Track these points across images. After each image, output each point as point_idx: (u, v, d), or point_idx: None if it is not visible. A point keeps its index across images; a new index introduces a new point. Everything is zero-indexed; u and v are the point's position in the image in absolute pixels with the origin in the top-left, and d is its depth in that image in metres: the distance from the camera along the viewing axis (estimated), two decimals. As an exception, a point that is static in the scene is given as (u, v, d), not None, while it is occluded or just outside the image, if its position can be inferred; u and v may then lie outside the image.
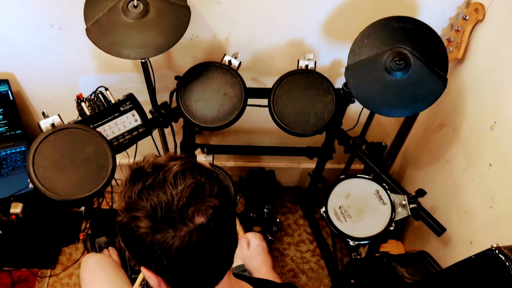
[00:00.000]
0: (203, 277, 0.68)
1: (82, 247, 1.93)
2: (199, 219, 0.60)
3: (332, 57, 1.57)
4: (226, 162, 2.09)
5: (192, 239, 0.60)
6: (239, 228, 1.31)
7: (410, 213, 1.38)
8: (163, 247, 0.60)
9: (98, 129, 1.29)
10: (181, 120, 1.53)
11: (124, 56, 1.14)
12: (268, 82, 1.62)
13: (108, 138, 1.26)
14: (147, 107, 1.42)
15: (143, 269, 0.67)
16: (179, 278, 0.66)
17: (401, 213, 1.39)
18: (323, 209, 1.41)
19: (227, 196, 0.67)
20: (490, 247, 0.91)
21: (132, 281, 1.28)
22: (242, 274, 0.95)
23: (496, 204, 1.28)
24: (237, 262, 1.35)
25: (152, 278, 0.66)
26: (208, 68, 1.40)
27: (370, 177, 1.47)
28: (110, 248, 1.85)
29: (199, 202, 0.61)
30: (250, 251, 1.25)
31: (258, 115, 1.59)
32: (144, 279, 1.17)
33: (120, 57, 1.14)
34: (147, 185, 0.62)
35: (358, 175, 1.48)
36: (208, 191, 0.63)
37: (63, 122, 1.21)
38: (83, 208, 2.02)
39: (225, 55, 1.41)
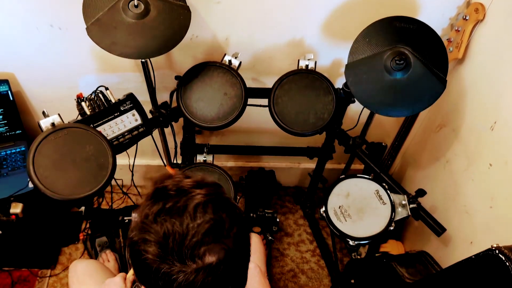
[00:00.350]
0: None
1: (82, 247, 1.93)
2: (210, 259, 0.58)
3: (332, 57, 1.57)
4: (226, 162, 2.09)
5: (197, 278, 0.58)
6: None
7: (410, 213, 1.38)
8: (166, 278, 0.58)
9: (98, 129, 1.29)
10: (181, 120, 1.54)
11: (126, 56, 1.14)
12: (268, 82, 1.62)
13: (108, 138, 1.26)
14: (147, 107, 1.42)
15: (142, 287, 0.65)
16: None
17: (401, 213, 1.39)
18: (323, 209, 1.41)
19: (245, 238, 0.65)
20: (490, 247, 0.91)
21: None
22: None
23: (496, 204, 1.28)
24: None
25: None
26: (208, 68, 1.40)
27: (370, 177, 1.47)
28: (107, 251, 1.85)
29: (214, 241, 0.59)
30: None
31: (258, 115, 1.59)
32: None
33: (122, 57, 1.14)
34: (166, 209, 0.60)
35: (358, 175, 1.48)
36: (226, 230, 0.61)
37: (63, 122, 1.21)
38: (83, 208, 2.01)
39: (225, 55, 1.41)
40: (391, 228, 1.35)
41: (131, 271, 1.11)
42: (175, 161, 1.84)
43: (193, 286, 0.58)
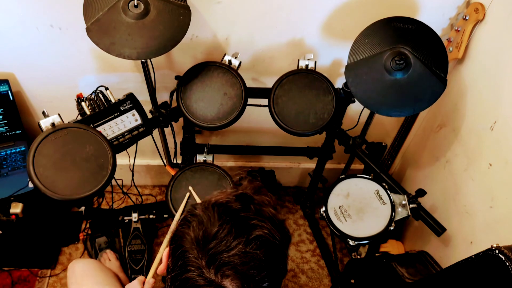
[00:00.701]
0: None
1: (82, 247, 1.93)
2: (228, 284, 0.57)
3: (332, 57, 1.57)
4: (226, 162, 2.09)
5: None
6: None
7: (410, 213, 1.38)
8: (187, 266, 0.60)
9: (98, 129, 1.29)
10: (181, 120, 1.54)
11: (126, 56, 1.14)
12: (268, 82, 1.62)
13: (108, 138, 1.26)
14: (147, 106, 1.42)
15: None
16: None
17: (401, 213, 1.39)
18: (323, 209, 1.41)
19: None
20: (490, 247, 0.91)
21: (131, 280, 1.27)
22: None
23: (496, 204, 1.28)
24: None
25: None
26: (208, 68, 1.40)
27: (370, 177, 1.47)
28: (108, 251, 1.85)
29: (239, 276, 0.58)
30: None
31: (258, 115, 1.59)
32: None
33: (121, 58, 1.14)
34: (236, 215, 0.61)
35: (358, 175, 1.48)
36: (257, 278, 0.59)
37: (63, 122, 1.21)
38: (83, 208, 2.02)
39: (225, 55, 1.41)
40: (391, 228, 1.35)
41: (150, 273, 1.11)
42: (175, 161, 1.84)
43: None
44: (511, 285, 0.86)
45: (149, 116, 1.45)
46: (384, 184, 1.44)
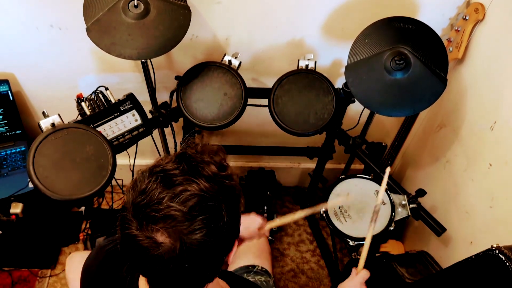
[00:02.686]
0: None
1: (82, 247, 1.93)
2: (160, 238, 0.59)
3: (332, 57, 1.57)
4: (226, 162, 2.08)
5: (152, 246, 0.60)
6: None
7: (410, 213, 1.38)
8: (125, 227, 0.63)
9: (98, 129, 1.29)
10: (181, 120, 1.54)
11: (126, 57, 1.14)
12: (268, 82, 1.62)
13: (108, 138, 1.26)
14: (147, 107, 1.42)
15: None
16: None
17: (401, 213, 1.39)
18: (323, 209, 1.41)
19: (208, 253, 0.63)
20: (490, 247, 0.91)
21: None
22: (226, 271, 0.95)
23: (496, 204, 1.28)
24: (243, 262, 1.34)
25: None
26: (208, 68, 1.40)
27: (370, 177, 1.47)
28: None
29: (172, 228, 0.59)
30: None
31: (258, 115, 1.59)
32: None
33: (121, 58, 1.14)
34: (167, 173, 0.62)
35: (358, 175, 1.48)
36: (187, 230, 0.60)
37: (63, 122, 1.21)
38: (83, 208, 2.02)
39: (225, 55, 1.41)
40: (391, 228, 1.35)
41: None
42: (175, 161, 1.83)
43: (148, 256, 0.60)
44: (511, 285, 0.86)
45: (149, 116, 1.45)
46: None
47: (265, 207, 1.94)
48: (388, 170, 1.14)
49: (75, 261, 1.30)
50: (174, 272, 0.62)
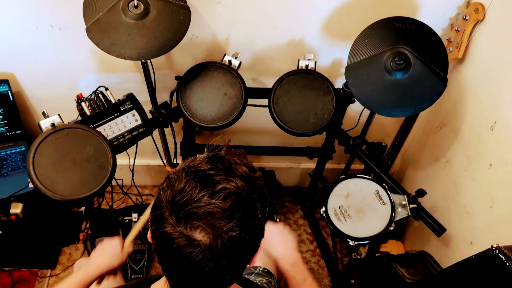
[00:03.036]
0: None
1: (82, 247, 1.93)
2: (198, 236, 0.60)
3: (332, 57, 1.57)
4: (226, 162, 2.08)
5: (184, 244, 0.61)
6: None
7: (410, 213, 1.38)
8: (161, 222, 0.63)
9: (98, 129, 1.29)
10: (181, 120, 1.54)
11: (126, 57, 1.14)
12: (268, 82, 1.62)
13: (108, 138, 1.26)
14: (147, 107, 1.42)
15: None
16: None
17: (401, 213, 1.39)
18: (323, 209, 1.41)
19: (244, 247, 0.65)
20: (490, 247, 0.91)
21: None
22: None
23: (496, 204, 1.28)
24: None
25: None
26: (208, 68, 1.40)
27: (370, 177, 1.47)
28: None
29: (211, 226, 0.60)
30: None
31: (258, 115, 1.59)
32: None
33: (121, 58, 1.14)
34: (203, 173, 0.63)
35: (358, 175, 1.48)
36: (225, 227, 0.61)
37: (63, 122, 1.21)
38: (83, 208, 2.02)
39: (225, 55, 1.41)
40: (391, 228, 1.35)
41: (130, 236, 1.18)
42: (175, 161, 1.84)
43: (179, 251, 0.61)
44: (511, 285, 0.86)
45: (149, 116, 1.45)
46: (384, 184, 1.44)
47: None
48: None
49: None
50: (207, 270, 0.62)
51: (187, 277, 0.65)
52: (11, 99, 1.58)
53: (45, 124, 1.17)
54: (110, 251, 1.11)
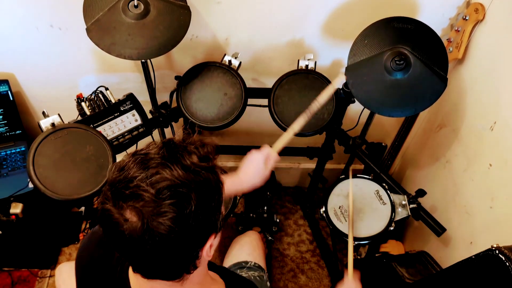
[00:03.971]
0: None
1: (82, 247, 1.93)
2: (129, 215, 0.61)
3: (332, 57, 1.57)
4: (226, 162, 2.09)
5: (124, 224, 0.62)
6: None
7: (410, 213, 1.38)
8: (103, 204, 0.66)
9: (98, 129, 1.29)
10: (181, 120, 1.54)
11: (126, 57, 1.14)
12: (268, 82, 1.62)
13: (108, 138, 1.26)
14: (147, 107, 1.42)
15: None
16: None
17: (401, 213, 1.38)
18: (323, 209, 1.41)
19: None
20: (490, 247, 0.91)
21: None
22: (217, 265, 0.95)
23: (496, 204, 1.28)
24: (236, 259, 1.35)
25: None
26: (208, 68, 1.40)
27: (370, 177, 1.47)
28: None
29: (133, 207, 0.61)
30: None
31: (258, 115, 1.59)
32: None
33: (121, 58, 1.14)
34: (148, 157, 0.64)
35: (358, 175, 1.47)
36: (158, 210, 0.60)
37: (63, 122, 1.21)
38: (83, 208, 2.02)
39: (225, 55, 1.41)
40: (391, 228, 1.35)
41: None
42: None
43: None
44: (511, 285, 0.86)
45: (149, 116, 1.45)
46: (384, 184, 1.44)
47: (265, 207, 1.94)
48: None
49: (63, 272, 1.28)
50: (138, 252, 0.64)
51: (125, 255, 0.68)
52: (11, 99, 1.58)
53: (45, 124, 1.17)
54: (257, 168, 1.09)
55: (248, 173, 1.08)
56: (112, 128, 1.33)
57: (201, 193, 0.63)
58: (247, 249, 1.40)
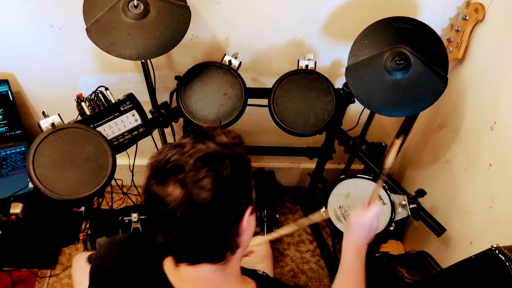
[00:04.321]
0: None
1: (82, 247, 1.93)
2: (170, 190, 0.65)
3: (332, 57, 1.57)
4: (226, 162, 2.08)
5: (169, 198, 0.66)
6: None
7: (410, 213, 1.38)
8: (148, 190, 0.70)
9: (98, 129, 1.29)
10: (181, 120, 1.54)
11: (126, 57, 1.14)
12: (268, 82, 1.62)
13: (108, 138, 1.26)
14: (147, 107, 1.42)
15: None
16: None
17: (401, 213, 1.38)
18: (323, 209, 1.41)
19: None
20: (490, 247, 0.91)
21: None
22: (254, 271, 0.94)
23: (496, 204, 1.28)
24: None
25: None
26: (208, 68, 1.40)
27: (370, 177, 1.47)
28: None
29: (181, 183, 0.65)
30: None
31: (258, 115, 1.59)
32: None
33: (121, 58, 1.14)
34: (181, 144, 0.68)
35: (358, 175, 1.47)
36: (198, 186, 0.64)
37: (63, 122, 1.21)
38: (83, 208, 2.02)
39: (225, 55, 1.41)
40: (391, 228, 1.34)
41: None
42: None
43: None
44: (511, 285, 0.86)
45: (149, 116, 1.45)
46: (384, 184, 1.44)
47: (265, 211, 1.93)
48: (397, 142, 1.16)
49: (81, 261, 1.30)
50: (182, 229, 0.67)
51: (169, 233, 0.70)
52: (11, 99, 1.58)
53: (45, 124, 1.17)
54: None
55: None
56: (112, 128, 1.33)
57: (234, 161, 0.68)
58: (257, 258, 1.38)
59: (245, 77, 1.41)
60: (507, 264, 0.86)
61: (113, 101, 1.33)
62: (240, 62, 1.41)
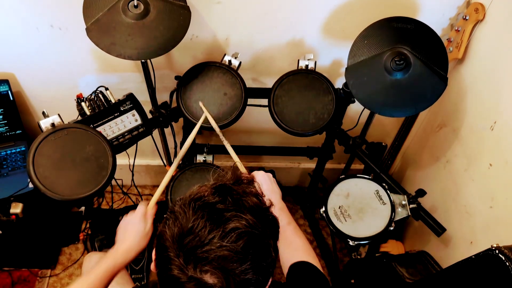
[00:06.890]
0: None
1: (82, 247, 1.93)
2: (208, 279, 0.57)
3: (332, 57, 1.57)
4: (226, 162, 2.08)
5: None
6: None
7: (410, 213, 1.38)
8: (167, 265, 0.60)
9: (98, 129, 1.29)
10: (181, 120, 1.54)
11: (126, 57, 1.14)
12: (268, 82, 1.62)
13: (108, 138, 1.26)
14: (147, 107, 1.42)
15: None
16: None
17: (401, 213, 1.39)
18: (323, 209, 1.41)
19: None
20: (490, 247, 0.91)
21: (133, 281, 1.28)
22: None
23: (496, 204, 1.28)
24: None
25: None
26: (208, 68, 1.40)
27: (370, 177, 1.47)
28: (108, 250, 1.85)
29: (221, 270, 0.58)
30: None
31: (258, 115, 1.59)
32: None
33: (121, 58, 1.14)
34: (212, 208, 0.60)
35: (358, 175, 1.48)
36: (238, 271, 0.58)
37: (63, 122, 1.21)
38: (83, 208, 2.02)
39: (225, 55, 1.41)
40: (391, 228, 1.35)
41: (152, 201, 1.15)
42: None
43: None
44: (511, 285, 0.86)
45: (149, 116, 1.45)
46: (384, 184, 1.44)
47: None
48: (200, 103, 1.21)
49: (92, 261, 1.30)
50: None
51: None
52: (11, 99, 1.58)
53: (45, 124, 1.17)
54: (135, 232, 1.00)
55: (125, 241, 0.99)
56: (112, 128, 1.33)
57: (274, 236, 0.64)
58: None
59: (245, 77, 1.41)
60: (507, 264, 0.86)
61: (113, 101, 1.33)
62: (240, 62, 1.41)
